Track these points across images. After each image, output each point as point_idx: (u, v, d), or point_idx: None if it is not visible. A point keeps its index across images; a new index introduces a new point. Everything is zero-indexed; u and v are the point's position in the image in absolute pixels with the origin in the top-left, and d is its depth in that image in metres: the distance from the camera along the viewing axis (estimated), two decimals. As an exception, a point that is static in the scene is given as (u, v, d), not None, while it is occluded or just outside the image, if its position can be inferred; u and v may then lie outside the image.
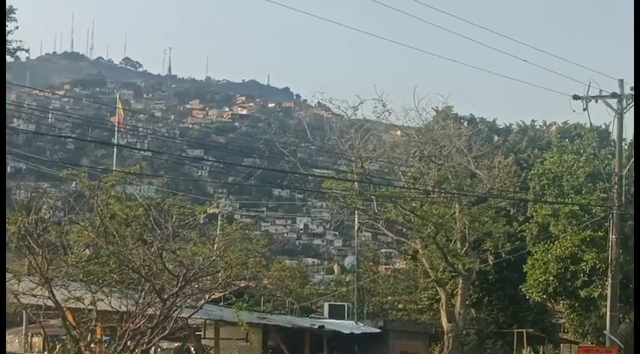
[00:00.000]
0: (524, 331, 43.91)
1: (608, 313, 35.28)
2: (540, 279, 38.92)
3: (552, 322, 47.35)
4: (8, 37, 23.90)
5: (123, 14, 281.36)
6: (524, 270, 39.47)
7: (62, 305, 22.65)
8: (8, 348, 33.92)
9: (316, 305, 47.03)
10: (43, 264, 22.18)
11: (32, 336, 32.79)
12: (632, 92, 35.85)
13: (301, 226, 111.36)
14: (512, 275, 40.68)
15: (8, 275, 22.83)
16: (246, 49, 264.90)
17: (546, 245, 38.82)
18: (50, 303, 22.71)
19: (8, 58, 24.13)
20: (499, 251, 37.16)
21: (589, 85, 35.60)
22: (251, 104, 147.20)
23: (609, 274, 34.98)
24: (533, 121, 51.64)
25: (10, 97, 66.91)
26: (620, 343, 37.99)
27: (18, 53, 24.88)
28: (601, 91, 35.63)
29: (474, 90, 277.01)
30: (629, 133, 36.83)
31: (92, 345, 22.77)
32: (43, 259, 22.25)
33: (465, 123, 42.05)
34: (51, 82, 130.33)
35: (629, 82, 35.70)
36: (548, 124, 49.73)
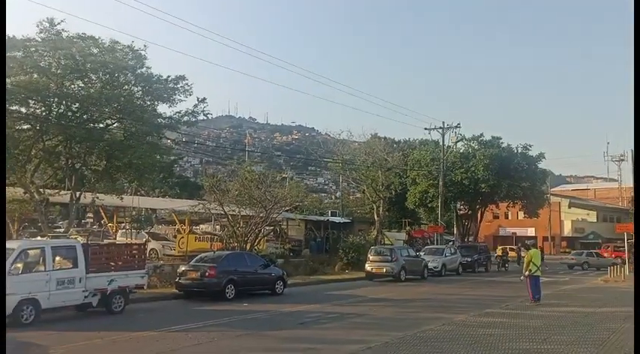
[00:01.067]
0: (406, 220, 43.75)
1: (440, 213, 35.99)
2: (413, 199, 39.07)
3: (418, 216, 46.34)
4: (199, 107, 20.00)
5: (254, 92, 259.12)
6: (407, 196, 39.36)
7: (227, 212, 22.85)
8: (203, 229, 32.93)
9: (325, 212, 45.98)
10: (219, 196, 22.23)
11: (215, 225, 31.77)
12: (452, 126, 35.43)
13: (320, 181, 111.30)
14: (402, 198, 39.71)
15: (200, 201, 23.70)
16: (299, 108, 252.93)
17: (415, 186, 38.79)
18: (221, 211, 22.86)
19: (202, 117, 20.80)
20: (397, 189, 36.93)
21: (430, 124, 36.57)
22: (299, 134, 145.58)
23: (439, 197, 35.58)
24: (409, 138, 51.26)
25: (204, 133, 68.72)
26: (444, 224, 38.48)
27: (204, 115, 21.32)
28: (435, 125, 36.21)
29: (383, 122, 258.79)
30: (446, 142, 36.47)
31: (239, 228, 22.87)
32: (218, 195, 22.27)
33: (383, 139, 41.66)
34: (218, 126, 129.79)
35: (449, 121, 36.00)
36: (414, 139, 48.28)
